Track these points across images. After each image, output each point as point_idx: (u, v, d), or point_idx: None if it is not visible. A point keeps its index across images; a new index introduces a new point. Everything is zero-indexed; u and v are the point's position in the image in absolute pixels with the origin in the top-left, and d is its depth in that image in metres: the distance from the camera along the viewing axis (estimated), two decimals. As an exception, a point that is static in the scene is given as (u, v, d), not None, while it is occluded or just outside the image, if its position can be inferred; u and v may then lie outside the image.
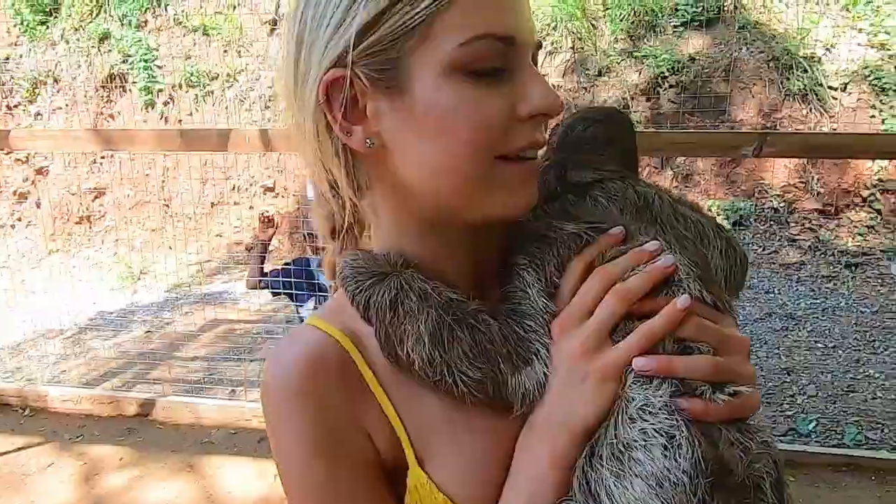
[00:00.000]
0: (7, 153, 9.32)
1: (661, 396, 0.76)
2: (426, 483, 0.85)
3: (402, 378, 0.86)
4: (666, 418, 0.75)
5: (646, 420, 0.75)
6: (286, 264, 4.51)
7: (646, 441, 0.74)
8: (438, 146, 0.81)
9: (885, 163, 6.61)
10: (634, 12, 7.76)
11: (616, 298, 0.81)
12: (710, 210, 6.81)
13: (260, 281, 4.41)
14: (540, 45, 0.88)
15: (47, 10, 9.88)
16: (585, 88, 7.72)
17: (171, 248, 9.08)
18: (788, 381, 5.06)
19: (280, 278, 4.38)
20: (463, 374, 0.81)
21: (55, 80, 9.76)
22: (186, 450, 4.31)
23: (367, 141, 0.83)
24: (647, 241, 0.86)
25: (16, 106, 9.92)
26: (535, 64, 0.87)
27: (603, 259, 0.85)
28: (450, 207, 0.85)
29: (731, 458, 0.75)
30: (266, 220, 4.47)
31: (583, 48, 7.83)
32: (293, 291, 4.36)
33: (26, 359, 6.32)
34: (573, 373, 0.80)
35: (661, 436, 0.74)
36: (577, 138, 1.03)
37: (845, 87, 6.95)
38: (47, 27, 9.87)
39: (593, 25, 7.85)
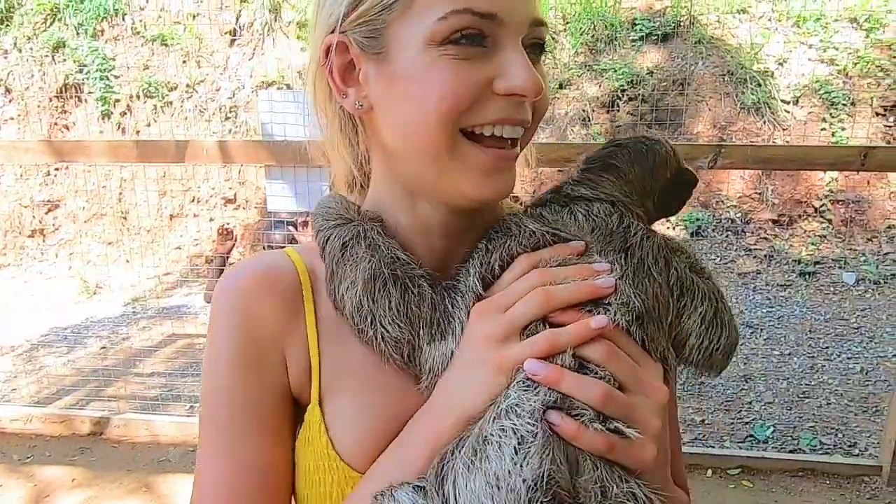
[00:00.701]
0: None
1: (533, 402, 0.74)
2: (318, 422, 0.89)
3: (338, 323, 0.90)
4: (528, 423, 0.73)
5: (510, 419, 0.74)
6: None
7: (501, 439, 0.73)
8: (412, 110, 0.85)
9: (835, 174, 6.82)
10: (594, 26, 7.89)
11: (537, 299, 0.81)
12: (669, 222, 6.93)
13: (219, 294, 4.33)
14: (541, 23, 0.88)
15: (-1, 17, 9.63)
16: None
17: (128, 261, 8.88)
18: (746, 388, 5.16)
19: (240, 291, 4.31)
20: (385, 328, 0.84)
21: (7, 90, 9.50)
22: (142, 469, 4.19)
23: (357, 103, 0.90)
24: (599, 261, 0.86)
25: (-35, 116, 9.62)
26: (542, 41, 0.90)
27: (548, 263, 0.85)
28: (422, 177, 0.89)
29: (583, 490, 0.72)
30: (225, 232, 4.41)
31: (544, 61, 7.93)
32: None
33: (-26, 377, 6.10)
34: (474, 357, 0.82)
35: (516, 438, 0.73)
36: (593, 157, 1.02)
37: (797, 101, 7.17)
38: (-1, 35, 9.61)
39: (554, 39, 7.96)
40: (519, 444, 0.72)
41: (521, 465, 0.71)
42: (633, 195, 0.98)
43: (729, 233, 7.04)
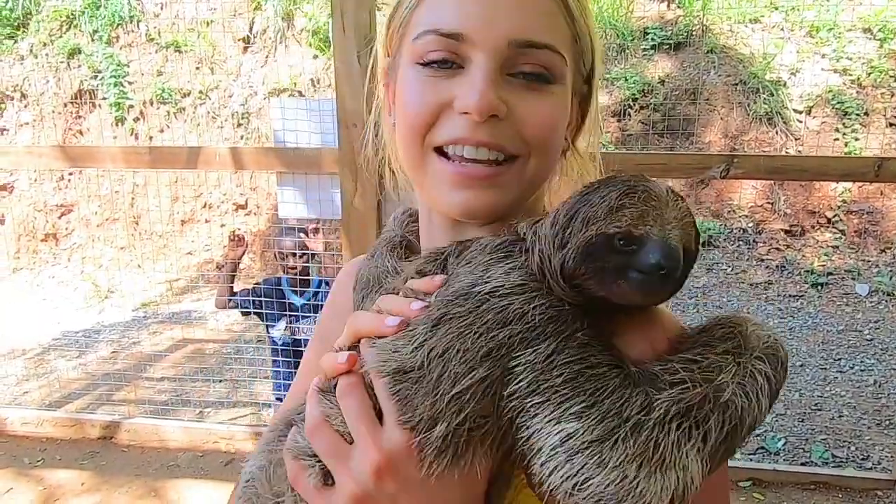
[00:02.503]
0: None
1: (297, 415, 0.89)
2: None
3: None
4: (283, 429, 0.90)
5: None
6: (257, 283, 4.45)
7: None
8: (398, 126, 0.98)
9: (849, 184, 6.77)
10: (605, 35, 7.89)
11: (347, 330, 0.88)
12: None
13: (229, 300, 4.34)
14: (531, 45, 0.89)
15: (16, 24, 9.73)
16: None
17: (139, 266, 8.92)
18: (757, 399, 5.11)
19: (250, 297, 4.32)
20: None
21: (22, 95, 9.59)
22: (151, 474, 4.20)
23: (391, 119, 1.04)
24: (421, 302, 0.82)
25: (-19, 121, 9.72)
26: (543, 69, 0.91)
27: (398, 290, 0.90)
28: (417, 187, 1.00)
29: None
30: (236, 238, 4.42)
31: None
32: (263, 311, 4.31)
33: (-14, 380, 6.14)
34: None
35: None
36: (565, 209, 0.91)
37: (810, 111, 7.13)
38: (15, 41, 9.71)
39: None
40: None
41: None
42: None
43: (740, 243, 7.00)
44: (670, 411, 0.72)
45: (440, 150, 0.92)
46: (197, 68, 9.19)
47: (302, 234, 4.28)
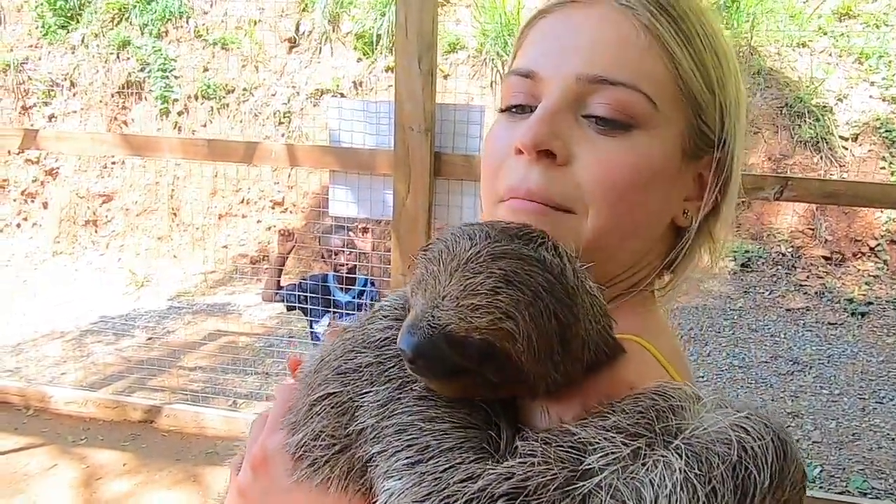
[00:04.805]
0: (20, 153, 9.33)
1: None
2: None
3: None
4: None
5: None
6: (303, 279, 4.51)
7: None
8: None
9: (893, 213, 6.69)
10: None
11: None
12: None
13: (276, 294, 4.40)
14: (601, 81, 0.80)
15: (69, 14, 9.97)
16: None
17: (175, 256, 9.06)
18: (793, 425, 5.06)
19: (296, 293, 4.38)
20: None
21: (72, 84, 9.81)
22: (190, 459, 4.27)
23: None
24: None
25: (31, 107, 9.96)
26: (622, 113, 0.80)
27: None
28: None
29: None
30: (286, 233, 4.49)
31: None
32: (308, 306, 4.36)
33: (25, 359, 6.27)
34: None
35: None
36: None
37: (856, 138, 7.06)
38: (68, 31, 9.95)
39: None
40: None
41: None
42: None
43: (779, 267, 6.94)
44: (494, 489, 0.58)
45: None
46: (243, 66, 9.34)
47: (350, 233, 4.34)
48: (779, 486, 0.57)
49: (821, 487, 4.39)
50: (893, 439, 4.87)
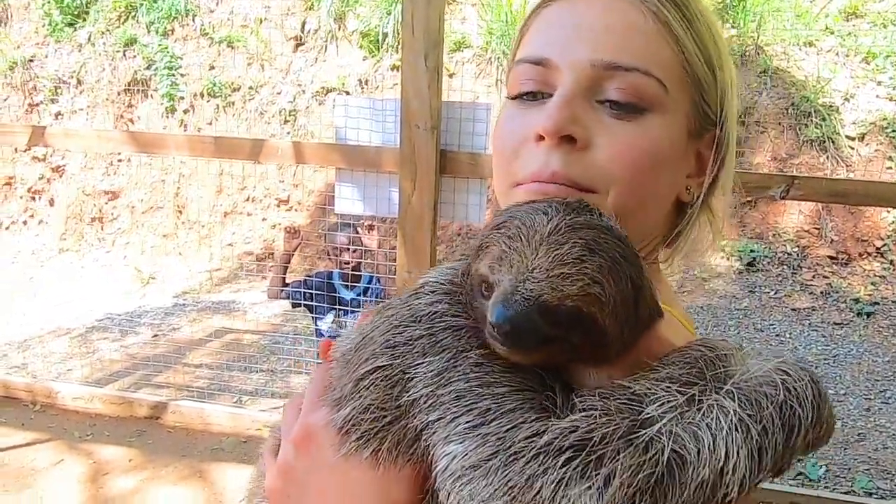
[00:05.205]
0: (27, 150, 9.36)
1: None
2: None
3: None
4: None
5: None
6: (308, 276, 4.53)
7: None
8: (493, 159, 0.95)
9: (899, 213, 6.67)
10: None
11: None
12: (724, 252, 6.85)
13: (281, 291, 4.42)
14: (616, 67, 0.83)
15: (76, 12, 10.00)
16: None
17: (181, 254, 9.09)
18: (798, 425, 5.05)
19: (301, 289, 4.40)
20: None
21: (78, 82, 9.85)
22: (196, 455, 4.29)
23: None
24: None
25: (38, 104, 10.00)
26: (634, 97, 0.83)
27: None
28: None
29: None
30: (292, 231, 4.50)
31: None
32: (313, 304, 4.37)
33: (32, 355, 6.30)
34: None
35: None
36: None
37: (863, 138, 7.04)
38: (75, 29, 9.99)
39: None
40: None
41: None
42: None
43: (784, 267, 6.92)
44: (561, 442, 0.61)
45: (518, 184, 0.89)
46: (248, 64, 9.36)
47: (356, 230, 4.35)
48: (817, 421, 0.63)
49: (826, 487, 4.38)
50: (899, 439, 4.86)
